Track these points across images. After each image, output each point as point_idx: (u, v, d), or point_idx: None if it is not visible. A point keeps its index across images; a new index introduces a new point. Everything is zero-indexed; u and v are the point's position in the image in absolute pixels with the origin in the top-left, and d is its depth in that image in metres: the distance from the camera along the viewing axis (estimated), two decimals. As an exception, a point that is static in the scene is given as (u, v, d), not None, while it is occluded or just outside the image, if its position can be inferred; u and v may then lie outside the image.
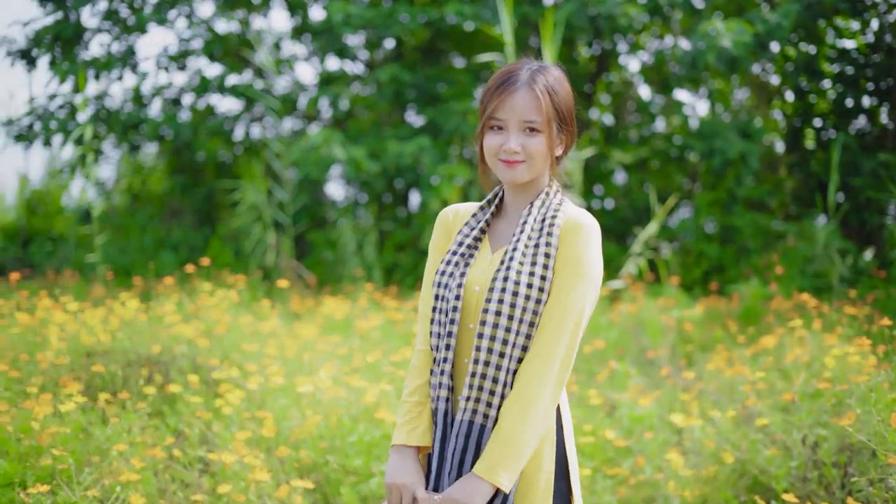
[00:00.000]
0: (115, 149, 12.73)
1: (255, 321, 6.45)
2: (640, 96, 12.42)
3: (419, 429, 2.81)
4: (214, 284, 7.55)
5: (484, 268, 2.82)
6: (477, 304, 2.77)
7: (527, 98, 2.77)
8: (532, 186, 2.87)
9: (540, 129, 2.78)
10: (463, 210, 2.99)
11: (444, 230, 2.96)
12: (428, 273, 2.95)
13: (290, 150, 10.51)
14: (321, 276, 10.52)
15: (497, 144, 2.80)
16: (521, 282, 2.72)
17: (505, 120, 2.79)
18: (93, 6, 11.59)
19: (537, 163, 2.80)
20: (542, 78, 2.81)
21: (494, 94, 2.81)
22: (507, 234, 2.87)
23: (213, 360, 5.43)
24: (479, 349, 2.71)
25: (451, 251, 2.86)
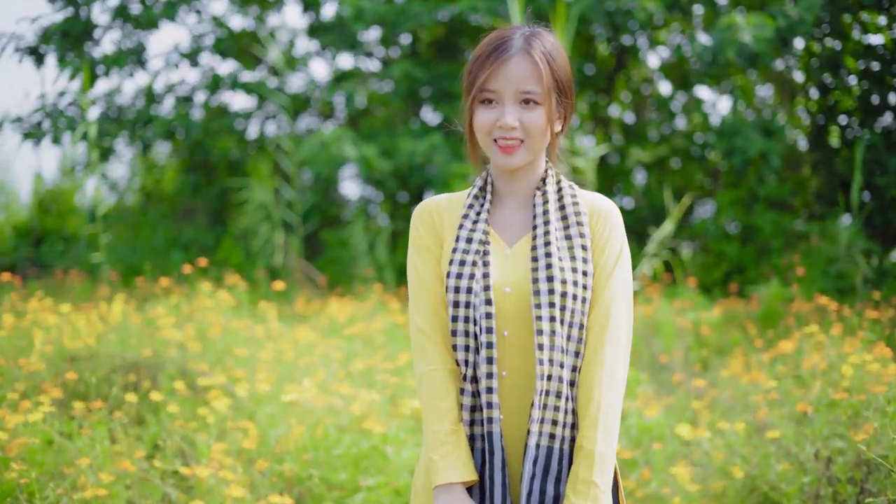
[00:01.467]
0: (126, 147, 12.57)
1: (252, 324, 6.24)
2: (661, 93, 12.14)
3: (463, 460, 2.47)
4: (215, 285, 7.34)
5: (507, 266, 2.52)
6: (511, 309, 2.48)
7: (524, 65, 2.48)
8: (529, 168, 2.58)
9: (539, 100, 2.48)
10: (445, 202, 2.65)
11: (431, 227, 2.62)
12: (420, 279, 2.60)
13: (301, 148, 10.32)
14: (333, 277, 10.32)
15: (490, 120, 2.49)
16: (567, 280, 2.45)
17: (499, 91, 2.48)
18: (103, 2, 11.43)
19: (536, 141, 2.51)
20: (538, 43, 2.51)
21: (486, 62, 2.50)
22: (517, 226, 2.57)
23: (203, 365, 5.23)
24: (542, 362, 2.41)
25: (460, 249, 2.53)
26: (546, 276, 2.45)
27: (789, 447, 4.30)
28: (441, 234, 2.61)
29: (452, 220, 2.62)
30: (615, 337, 2.49)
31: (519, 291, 2.48)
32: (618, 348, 2.48)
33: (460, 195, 2.68)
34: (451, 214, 2.62)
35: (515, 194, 2.59)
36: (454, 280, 2.50)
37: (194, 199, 12.43)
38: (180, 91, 11.78)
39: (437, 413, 2.49)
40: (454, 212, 2.62)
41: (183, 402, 4.84)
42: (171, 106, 11.77)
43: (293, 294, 9.01)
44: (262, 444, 4.29)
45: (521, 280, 2.49)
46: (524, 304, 2.47)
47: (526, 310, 2.47)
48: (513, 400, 2.49)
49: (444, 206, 2.64)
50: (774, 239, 10.21)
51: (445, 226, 2.61)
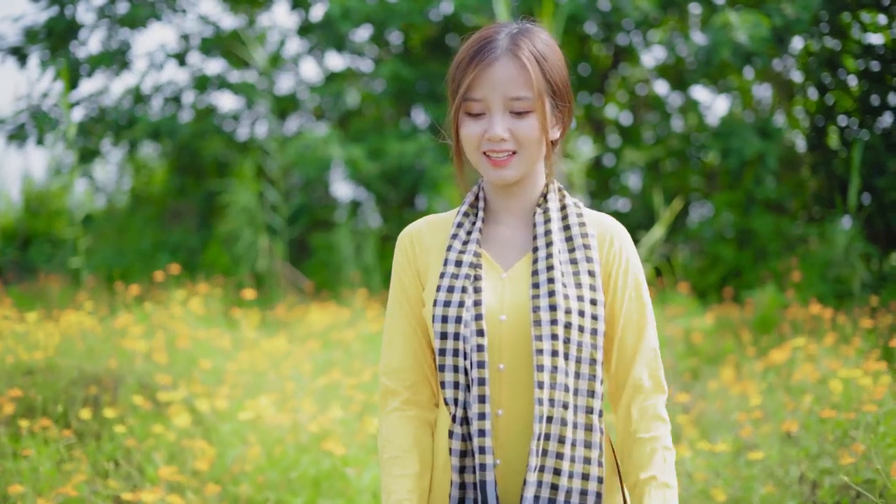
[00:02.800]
0: (113, 148, 12.36)
1: (225, 333, 6.02)
2: (656, 93, 11.91)
3: None
4: (195, 291, 7.12)
5: (503, 291, 2.24)
6: (508, 339, 2.21)
7: (511, 69, 2.21)
8: (527, 182, 2.32)
9: (530, 107, 2.21)
10: (427, 226, 2.37)
11: (407, 258, 2.34)
12: (398, 317, 2.34)
13: (287, 149, 10.11)
14: (320, 281, 10.10)
15: (478, 133, 2.23)
16: (573, 309, 2.18)
17: (485, 99, 2.22)
18: (88, 0, 11.23)
19: (531, 152, 2.24)
20: (526, 42, 2.24)
21: (468, 67, 2.23)
22: (514, 247, 2.30)
23: (166, 377, 5.01)
24: (541, 402, 2.14)
25: (448, 273, 2.24)
26: (549, 303, 2.18)
27: (774, 468, 4.08)
28: (423, 263, 2.34)
29: (438, 244, 2.34)
30: (653, 369, 2.28)
31: (516, 319, 2.21)
32: (657, 375, 2.28)
33: (447, 216, 2.40)
34: (436, 238, 2.35)
35: (512, 212, 2.33)
36: (441, 308, 2.22)
37: (181, 201, 12.23)
38: (167, 92, 11.58)
39: (400, 471, 2.26)
40: (439, 235, 2.35)
41: (144, 418, 4.63)
42: (158, 107, 11.58)
43: (276, 299, 8.80)
44: (219, 465, 4.07)
45: (518, 306, 2.22)
46: (522, 333, 2.21)
47: (524, 340, 2.21)
48: (510, 443, 2.22)
49: (425, 231, 2.37)
50: (771, 242, 10.00)
51: (429, 252, 2.34)
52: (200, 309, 6.34)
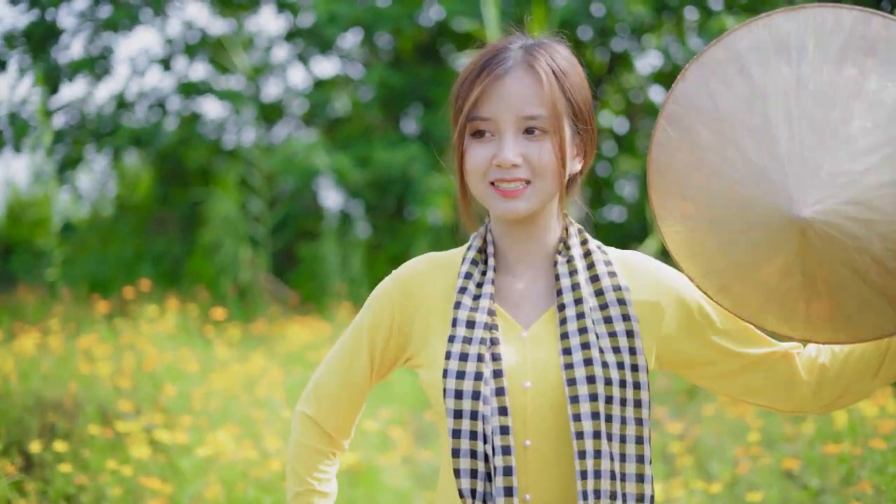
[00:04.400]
0: (97, 155, 12.09)
1: (194, 353, 5.72)
2: (652, 101, 11.64)
3: None
4: (163, 308, 6.82)
5: (524, 353, 1.91)
6: (534, 410, 1.88)
7: (525, 83, 1.88)
8: (543, 223, 1.97)
9: (547, 128, 1.88)
10: (431, 268, 2.02)
11: (398, 308, 1.99)
12: (349, 361, 2.04)
13: (272, 158, 9.83)
14: (305, 293, 9.81)
15: (485, 159, 1.89)
16: (613, 380, 1.86)
17: (493, 119, 1.88)
18: (69, 3, 10.95)
19: (547, 183, 1.90)
20: (543, 55, 1.91)
21: (475, 81, 1.90)
22: (533, 302, 1.97)
23: (128, 404, 4.71)
24: (586, 496, 1.82)
25: (460, 338, 1.89)
26: (586, 374, 1.85)
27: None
28: (415, 314, 1.99)
29: (439, 291, 1.99)
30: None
31: (543, 386, 1.88)
32: None
33: (449, 257, 2.05)
34: (436, 285, 2.00)
35: (527, 259, 1.99)
36: (453, 381, 1.87)
37: (166, 209, 11.96)
38: (151, 98, 11.31)
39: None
40: (440, 280, 2.00)
41: (102, 449, 4.34)
42: (142, 113, 11.31)
43: (257, 313, 8.50)
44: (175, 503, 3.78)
45: (545, 371, 1.89)
46: (550, 401, 1.88)
47: (553, 409, 1.88)
48: None
49: (423, 275, 2.01)
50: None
51: (427, 301, 1.99)
52: (173, 326, 6.06)
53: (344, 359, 2.05)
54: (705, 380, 2.04)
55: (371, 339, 2.02)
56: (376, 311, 2.01)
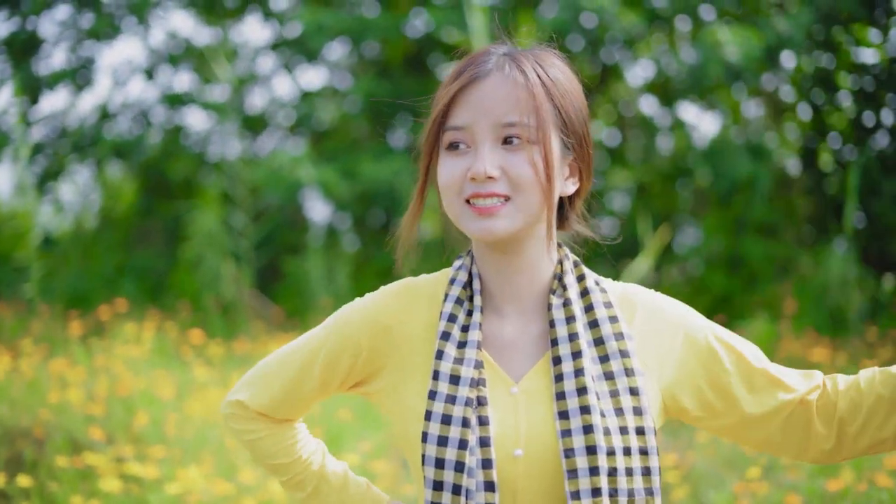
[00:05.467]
0: (80, 167, 11.90)
1: (171, 376, 5.52)
2: (643, 113, 11.47)
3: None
4: (140, 328, 6.61)
5: (515, 414, 1.68)
6: (525, 482, 1.66)
7: (504, 87, 1.67)
8: (529, 252, 1.74)
9: (529, 137, 1.65)
10: (408, 302, 1.79)
11: (366, 339, 1.77)
12: (302, 368, 1.82)
13: (256, 170, 9.64)
14: (290, 309, 9.62)
15: (459, 172, 1.68)
16: (617, 449, 1.64)
17: (469, 128, 1.67)
18: (50, 9, 10.75)
19: (529, 200, 1.67)
20: (528, 60, 1.71)
21: (450, 87, 1.69)
22: (524, 348, 1.74)
23: (100, 432, 4.52)
24: None
25: (442, 395, 1.66)
26: (585, 444, 1.62)
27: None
28: (379, 356, 1.77)
29: (414, 332, 1.76)
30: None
31: (537, 454, 1.66)
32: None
33: (428, 286, 1.82)
34: (411, 323, 1.77)
35: (516, 297, 1.76)
36: (434, 448, 1.65)
37: (149, 222, 11.77)
38: (135, 110, 11.12)
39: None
40: (415, 318, 1.77)
41: (71, 481, 4.14)
42: (125, 124, 11.12)
43: (240, 330, 8.31)
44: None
45: (538, 436, 1.67)
46: (545, 472, 1.66)
47: (547, 480, 1.67)
48: None
49: (400, 309, 1.79)
50: (763, 267, 9.60)
51: (396, 341, 1.77)
52: (149, 348, 5.86)
53: (294, 372, 1.85)
54: (713, 430, 1.83)
55: (328, 366, 1.81)
56: (341, 339, 1.80)
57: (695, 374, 1.76)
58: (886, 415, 1.73)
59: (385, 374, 1.78)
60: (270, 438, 1.89)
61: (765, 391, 1.78)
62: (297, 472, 1.91)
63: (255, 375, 1.89)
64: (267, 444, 1.89)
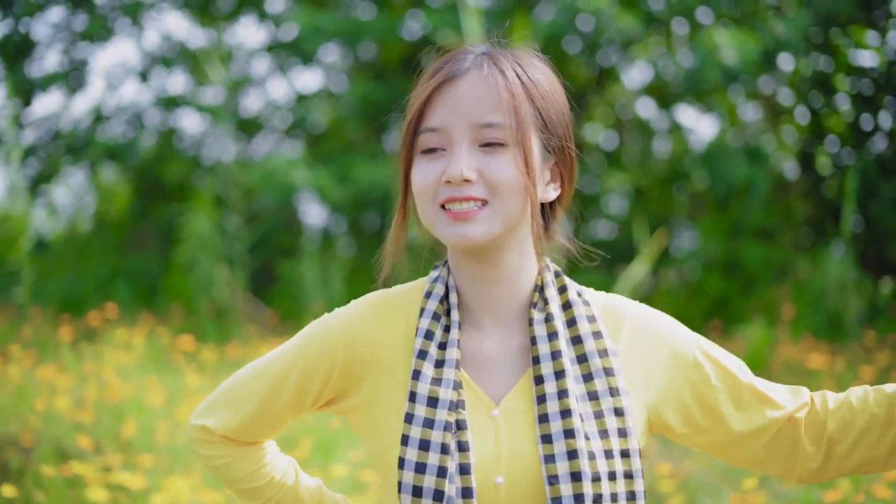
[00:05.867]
0: (74, 170, 11.84)
1: (161, 382, 5.46)
2: (640, 116, 11.41)
3: None
4: (131, 332, 6.55)
5: (493, 440, 1.60)
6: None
7: (481, 86, 1.58)
8: (508, 261, 1.65)
9: (507, 139, 1.56)
10: (380, 317, 1.69)
11: (336, 358, 1.68)
12: (271, 391, 1.72)
13: (251, 173, 9.58)
14: (284, 313, 9.56)
15: (433, 177, 1.59)
16: (602, 474, 1.57)
17: (444, 129, 1.59)
18: (43, 11, 10.70)
19: (507, 204, 1.58)
20: (506, 60, 1.62)
21: (425, 87, 1.62)
22: (501, 364, 1.65)
23: (88, 440, 4.45)
24: None
25: (419, 419, 1.58)
26: (569, 470, 1.55)
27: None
28: (352, 372, 1.68)
29: (389, 347, 1.67)
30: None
31: (518, 481, 1.59)
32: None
33: (403, 300, 1.72)
34: (387, 339, 1.68)
35: (496, 310, 1.67)
36: (412, 475, 1.57)
37: (143, 226, 11.71)
38: (129, 112, 11.07)
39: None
40: (391, 333, 1.68)
41: (58, 490, 4.08)
42: (119, 127, 11.06)
43: (233, 335, 8.25)
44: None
45: (520, 461, 1.59)
46: (526, 499, 1.59)
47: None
48: None
49: (375, 323, 1.68)
50: (760, 271, 9.55)
51: (371, 357, 1.67)
52: (140, 353, 5.79)
53: (263, 393, 1.74)
54: (698, 447, 1.76)
55: (301, 385, 1.71)
56: (315, 356, 1.70)
57: (681, 390, 1.69)
58: (880, 434, 1.67)
59: (360, 391, 1.70)
60: (239, 462, 1.80)
61: (752, 408, 1.71)
62: (271, 496, 1.83)
63: (220, 397, 1.79)
64: (236, 468, 1.81)
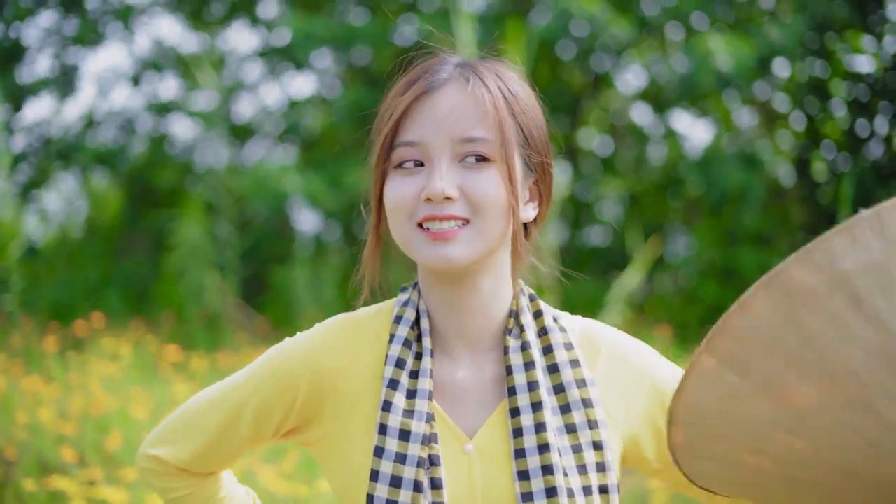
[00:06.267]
0: (66, 176, 11.76)
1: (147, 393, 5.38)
2: (634, 122, 11.34)
3: None
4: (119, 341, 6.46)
5: (467, 477, 1.51)
6: None
7: (463, 98, 1.49)
8: (484, 283, 1.54)
9: (491, 154, 1.47)
10: (346, 343, 1.57)
11: (298, 388, 1.55)
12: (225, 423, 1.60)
13: (242, 180, 9.51)
14: (276, 320, 9.47)
15: (410, 194, 1.48)
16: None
17: (423, 143, 1.48)
18: (33, 16, 10.64)
19: (490, 224, 1.48)
20: (487, 72, 1.53)
21: (401, 99, 1.52)
22: (474, 395, 1.55)
23: (72, 453, 4.36)
24: None
25: (390, 454, 1.47)
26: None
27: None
28: (315, 402, 1.56)
29: (357, 375, 1.55)
30: None
31: None
32: None
33: (370, 325, 1.60)
34: (354, 366, 1.56)
35: (469, 336, 1.56)
36: None
37: (134, 232, 11.63)
38: (120, 118, 10.99)
39: None
40: (358, 360, 1.56)
41: (39, 504, 4.00)
42: (111, 133, 10.99)
43: (224, 343, 8.16)
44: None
45: (496, 499, 1.50)
46: None
47: None
48: None
49: (341, 350, 1.56)
50: (756, 277, 9.46)
51: (336, 386, 1.55)
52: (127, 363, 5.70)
53: (220, 423, 1.62)
54: (673, 485, 1.63)
55: (261, 415, 1.59)
56: (276, 384, 1.56)
57: (659, 424, 1.59)
58: None
59: (323, 422, 1.58)
60: (196, 494, 1.70)
61: None
62: None
63: (174, 427, 1.67)
64: (192, 500, 1.70)
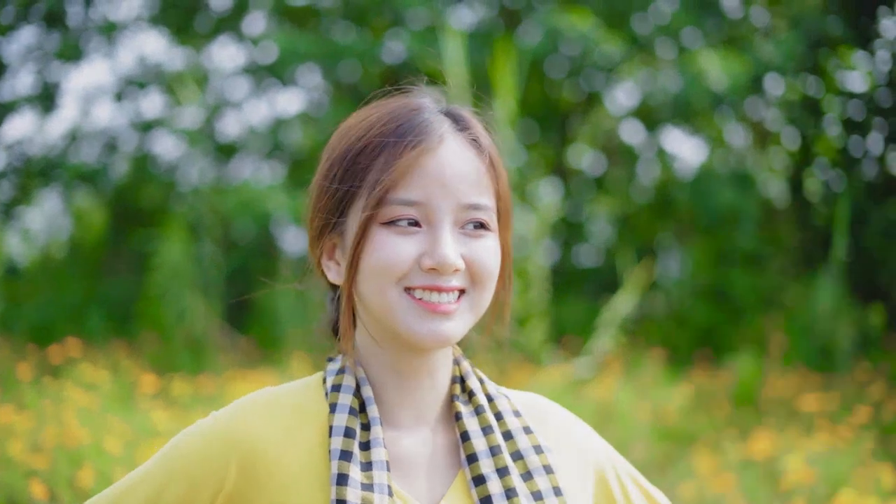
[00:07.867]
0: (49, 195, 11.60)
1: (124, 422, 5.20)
2: (625, 143, 11.20)
3: None
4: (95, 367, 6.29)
5: None
6: None
7: (466, 161, 1.39)
8: (439, 353, 1.46)
9: (490, 223, 1.41)
10: (273, 421, 1.41)
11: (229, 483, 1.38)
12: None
13: (227, 199, 9.35)
14: (262, 342, 9.31)
15: (406, 255, 1.37)
16: None
17: (425, 204, 1.37)
18: (15, 31, 10.48)
19: (485, 296, 1.41)
20: (478, 126, 1.44)
21: (394, 150, 1.38)
22: (430, 467, 1.43)
23: (42, 488, 4.20)
24: None
25: None
26: None
27: None
28: (247, 490, 1.39)
29: (294, 458, 1.39)
30: None
31: None
32: None
33: (298, 401, 1.45)
34: (291, 448, 1.40)
35: (414, 404, 1.46)
36: None
37: (118, 252, 11.47)
38: (104, 137, 10.84)
39: None
40: (293, 440, 1.40)
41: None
42: (92, 150, 10.83)
43: (206, 367, 8.00)
44: None
45: None
46: None
47: None
48: None
49: (272, 429, 1.40)
50: (749, 299, 9.38)
51: (271, 471, 1.38)
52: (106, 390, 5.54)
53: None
54: None
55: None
56: (197, 473, 1.41)
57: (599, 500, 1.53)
58: None
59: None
60: None
61: None
62: None
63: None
64: None
